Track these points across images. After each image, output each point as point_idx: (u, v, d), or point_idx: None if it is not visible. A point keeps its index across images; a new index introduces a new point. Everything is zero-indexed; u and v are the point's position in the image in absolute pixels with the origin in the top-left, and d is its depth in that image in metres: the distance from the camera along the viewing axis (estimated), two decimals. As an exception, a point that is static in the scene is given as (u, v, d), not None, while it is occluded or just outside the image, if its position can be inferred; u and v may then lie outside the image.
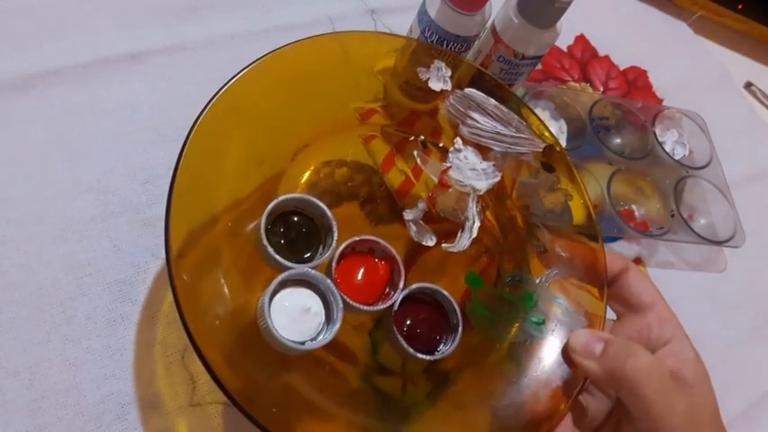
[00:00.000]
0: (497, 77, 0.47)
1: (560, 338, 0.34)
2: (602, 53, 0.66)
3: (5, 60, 0.43)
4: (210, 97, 0.33)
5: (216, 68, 0.35)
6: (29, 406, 0.34)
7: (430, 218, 0.37)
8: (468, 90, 0.38)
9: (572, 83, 0.62)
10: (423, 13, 0.45)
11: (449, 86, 0.39)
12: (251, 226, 0.32)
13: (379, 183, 0.38)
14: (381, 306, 0.32)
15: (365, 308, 0.32)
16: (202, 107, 0.33)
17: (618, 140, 0.55)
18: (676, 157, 0.55)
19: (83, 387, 0.35)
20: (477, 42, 0.47)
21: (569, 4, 0.43)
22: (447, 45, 0.44)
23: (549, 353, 0.33)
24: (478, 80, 0.41)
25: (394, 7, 0.57)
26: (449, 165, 0.36)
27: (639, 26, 0.71)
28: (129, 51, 0.46)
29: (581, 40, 0.66)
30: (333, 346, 0.32)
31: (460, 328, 0.33)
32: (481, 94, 0.39)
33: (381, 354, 0.33)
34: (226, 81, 0.34)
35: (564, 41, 0.65)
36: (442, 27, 0.43)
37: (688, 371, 0.30)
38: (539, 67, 0.61)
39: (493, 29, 0.46)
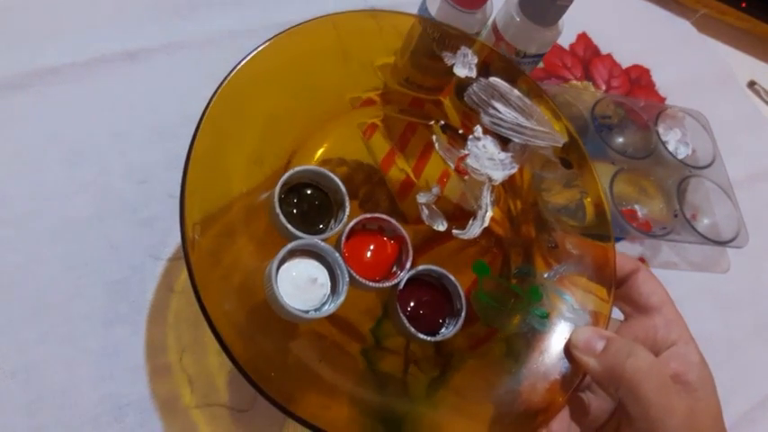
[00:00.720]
0: (499, 77, 0.47)
1: (563, 334, 0.33)
2: (604, 51, 0.66)
3: (3, 58, 0.42)
4: (215, 89, 0.33)
5: (215, 67, 0.35)
6: (26, 407, 0.33)
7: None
8: (492, 79, 0.38)
9: (574, 81, 0.62)
10: (423, 10, 0.44)
11: (474, 73, 0.39)
12: (266, 195, 0.32)
13: (378, 182, 0.38)
14: (387, 284, 0.32)
15: (371, 284, 0.32)
16: (201, 105, 0.33)
17: (620, 140, 0.55)
18: (679, 157, 0.55)
19: (80, 388, 0.34)
20: (478, 40, 0.47)
21: (571, 1, 0.42)
22: (448, 43, 0.44)
23: (550, 347, 0.33)
24: (490, 61, 0.41)
25: (394, 5, 0.56)
26: (467, 152, 0.36)
27: (642, 24, 0.71)
28: (128, 50, 0.46)
29: (583, 38, 0.66)
30: (339, 324, 0.32)
31: (464, 313, 0.33)
32: (506, 84, 0.38)
33: (385, 344, 0.34)
34: (225, 75, 0.34)
35: (566, 39, 0.64)
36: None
37: (692, 374, 0.30)
38: (540, 65, 0.60)
39: (494, 27, 0.46)
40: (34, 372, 0.34)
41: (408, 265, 0.33)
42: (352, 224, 0.33)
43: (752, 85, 0.72)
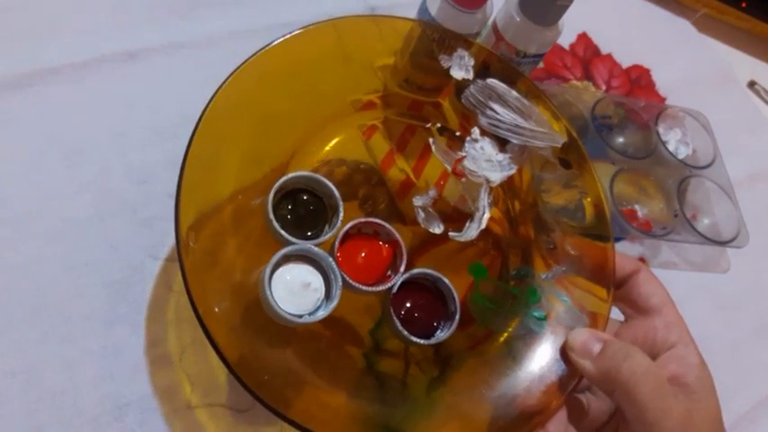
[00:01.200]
0: (497, 79, 0.47)
1: (560, 335, 0.33)
2: (604, 51, 0.66)
3: (3, 58, 0.42)
4: (214, 92, 0.33)
5: (214, 67, 0.35)
6: (26, 407, 0.33)
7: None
8: (489, 80, 0.38)
9: (574, 81, 0.62)
10: (423, 11, 0.44)
11: (471, 75, 0.39)
12: (261, 199, 0.33)
13: (378, 182, 0.38)
14: (381, 287, 0.32)
15: (364, 288, 0.32)
16: (201, 106, 0.33)
17: (621, 140, 0.55)
18: (679, 157, 0.55)
19: (80, 388, 0.34)
20: (478, 40, 0.47)
21: (571, 1, 0.42)
22: (448, 43, 0.44)
23: (546, 349, 0.33)
24: (489, 63, 0.41)
25: (394, 5, 0.56)
26: (464, 154, 0.36)
27: (642, 24, 0.71)
28: (128, 50, 0.46)
29: (583, 38, 0.66)
30: (338, 326, 0.32)
31: (457, 316, 0.33)
32: (503, 85, 0.38)
33: (384, 346, 0.34)
34: (225, 77, 0.34)
35: (566, 39, 0.64)
36: (442, 25, 0.43)
37: (690, 376, 0.30)
38: (540, 65, 0.60)
39: (494, 27, 0.46)
40: (34, 372, 0.34)
41: (402, 268, 0.33)
42: (345, 229, 0.33)
43: (752, 85, 0.72)
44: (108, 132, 0.42)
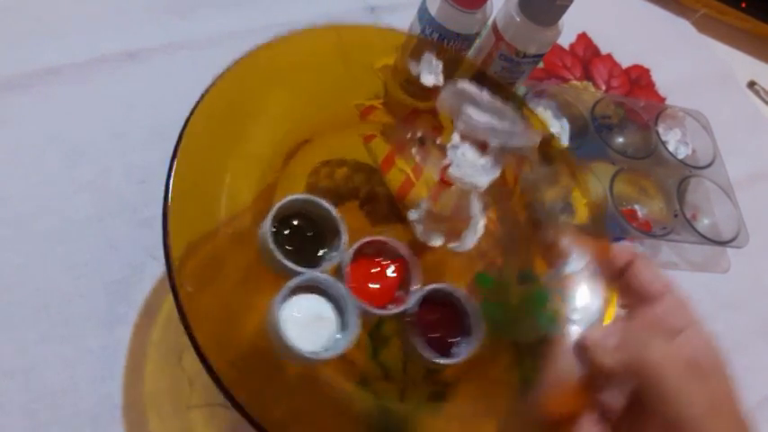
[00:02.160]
0: (498, 75, 0.47)
1: (573, 336, 0.32)
2: (604, 51, 0.66)
3: (3, 59, 0.42)
4: (203, 92, 0.33)
5: (215, 67, 0.35)
6: (25, 407, 0.33)
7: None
8: (459, 84, 0.36)
9: (574, 81, 0.62)
10: (423, 10, 0.44)
11: (440, 80, 0.38)
12: (251, 226, 0.31)
13: (378, 182, 0.38)
14: (396, 309, 0.31)
15: (379, 312, 0.31)
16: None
17: (620, 140, 0.55)
18: (679, 157, 0.55)
19: (79, 388, 0.34)
20: (478, 40, 0.47)
21: (571, 1, 0.42)
22: (447, 43, 0.44)
23: (560, 352, 0.32)
24: (479, 80, 0.40)
25: (394, 5, 0.56)
26: (448, 162, 0.36)
27: (642, 24, 0.71)
28: (128, 50, 0.46)
29: (583, 38, 0.66)
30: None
31: (479, 328, 0.32)
32: (474, 87, 0.36)
33: (381, 356, 0.33)
34: (219, 74, 0.33)
35: (566, 40, 0.64)
36: (442, 25, 0.43)
37: (704, 358, 0.29)
38: (540, 65, 0.60)
39: (494, 27, 0.46)
40: (34, 372, 0.34)
41: (415, 286, 0.32)
42: (352, 252, 0.31)
43: (752, 85, 0.72)
44: (108, 132, 0.42)
